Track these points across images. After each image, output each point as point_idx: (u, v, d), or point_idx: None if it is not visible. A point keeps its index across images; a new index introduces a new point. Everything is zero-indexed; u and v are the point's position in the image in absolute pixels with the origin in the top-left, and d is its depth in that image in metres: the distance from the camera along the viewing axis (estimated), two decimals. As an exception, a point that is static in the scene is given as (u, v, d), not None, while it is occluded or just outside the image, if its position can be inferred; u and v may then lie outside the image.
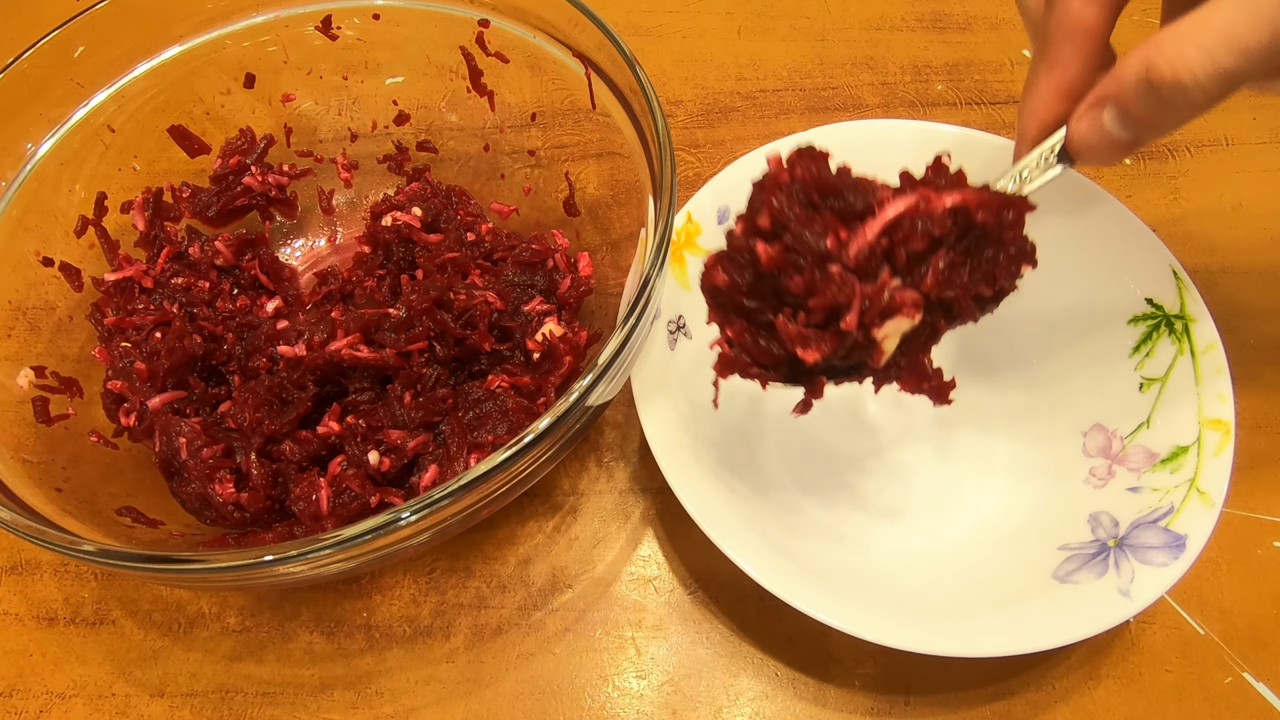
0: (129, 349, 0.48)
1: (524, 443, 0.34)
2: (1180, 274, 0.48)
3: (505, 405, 0.44)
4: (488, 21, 0.51)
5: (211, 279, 0.53)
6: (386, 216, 0.52)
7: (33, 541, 0.35)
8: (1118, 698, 0.45)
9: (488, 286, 0.48)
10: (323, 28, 0.53)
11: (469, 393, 0.45)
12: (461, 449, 0.43)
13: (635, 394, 0.45)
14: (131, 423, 0.47)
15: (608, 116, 0.48)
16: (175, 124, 0.53)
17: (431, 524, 0.35)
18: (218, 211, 0.55)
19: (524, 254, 0.51)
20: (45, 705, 0.45)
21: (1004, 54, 0.71)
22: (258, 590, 0.48)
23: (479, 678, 0.45)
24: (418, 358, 0.45)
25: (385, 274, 0.52)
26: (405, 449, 0.43)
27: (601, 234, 0.52)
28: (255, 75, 0.54)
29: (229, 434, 0.46)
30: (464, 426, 0.44)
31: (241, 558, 0.33)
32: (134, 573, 0.37)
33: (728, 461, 0.48)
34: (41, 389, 0.46)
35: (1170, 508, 0.42)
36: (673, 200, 0.40)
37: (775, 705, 0.45)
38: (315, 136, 0.58)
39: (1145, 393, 0.47)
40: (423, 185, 0.56)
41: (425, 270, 0.49)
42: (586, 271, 0.52)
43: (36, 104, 0.48)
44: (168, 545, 0.43)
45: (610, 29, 0.45)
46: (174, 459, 0.45)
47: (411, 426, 0.44)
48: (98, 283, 0.51)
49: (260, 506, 0.44)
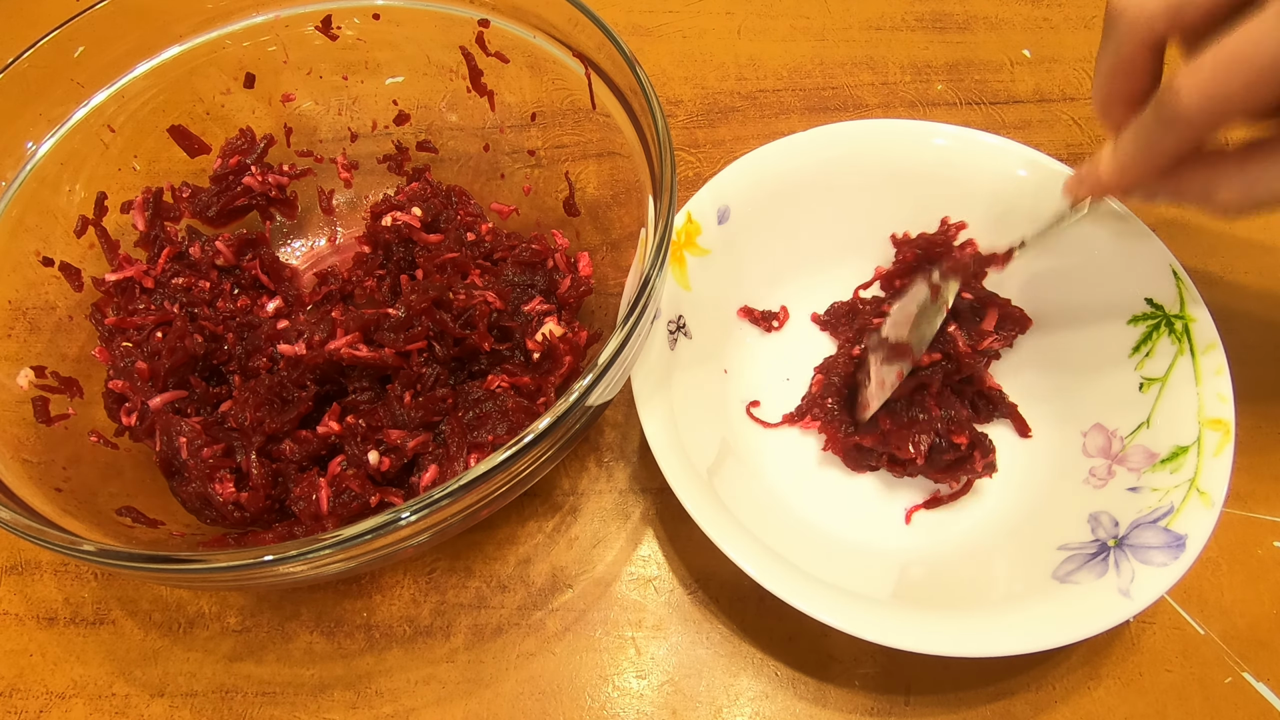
0: (130, 349, 0.48)
1: (524, 443, 0.34)
2: (1180, 274, 0.48)
3: (505, 405, 0.44)
4: (488, 21, 0.51)
5: (212, 279, 0.53)
6: (386, 216, 0.52)
7: (33, 541, 0.35)
8: (1118, 698, 0.45)
9: (487, 286, 0.48)
10: (323, 28, 0.53)
11: (469, 393, 0.45)
12: (461, 449, 0.43)
13: (635, 394, 0.45)
14: (133, 422, 0.47)
15: (608, 116, 0.48)
16: (175, 124, 0.53)
17: (431, 524, 0.35)
18: (218, 211, 0.55)
19: (524, 254, 0.51)
20: (45, 705, 0.45)
21: (1004, 54, 0.71)
22: (258, 590, 0.48)
23: (479, 677, 0.45)
24: (417, 357, 0.45)
25: (385, 274, 0.52)
26: (405, 449, 0.43)
27: (602, 234, 0.52)
28: (255, 75, 0.54)
29: (229, 433, 0.46)
30: (464, 426, 0.44)
31: (242, 557, 0.33)
32: (134, 573, 0.37)
33: (728, 461, 0.48)
34: (42, 389, 0.46)
35: (1170, 508, 0.42)
36: (673, 200, 0.40)
37: (775, 705, 0.45)
38: (315, 136, 0.58)
39: (1145, 393, 0.47)
40: (422, 185, 0.56)
41: (425, 270, 0.49)
42: (586, 271, 0.52)
43: (37, 104, 0.48)
44: (168, 545, 0.43)
45: (610, 29, 0.45)
46: (174, 458, 0.45)
47: (411, 426, 0.44)
48: (98, 283, 0.51)
49: (260, 506, 0.44)
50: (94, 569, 0.48)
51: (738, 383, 0.53)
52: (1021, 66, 0.70)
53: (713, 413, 0.50)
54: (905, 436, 0.48)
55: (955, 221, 0.53)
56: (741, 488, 0.47)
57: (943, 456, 0.48)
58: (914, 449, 0.47)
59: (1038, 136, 0.66)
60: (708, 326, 0.51)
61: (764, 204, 0.53)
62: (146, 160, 0.53)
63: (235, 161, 0.55)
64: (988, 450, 0.48)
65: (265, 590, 0.48)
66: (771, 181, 0.53)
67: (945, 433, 0.48)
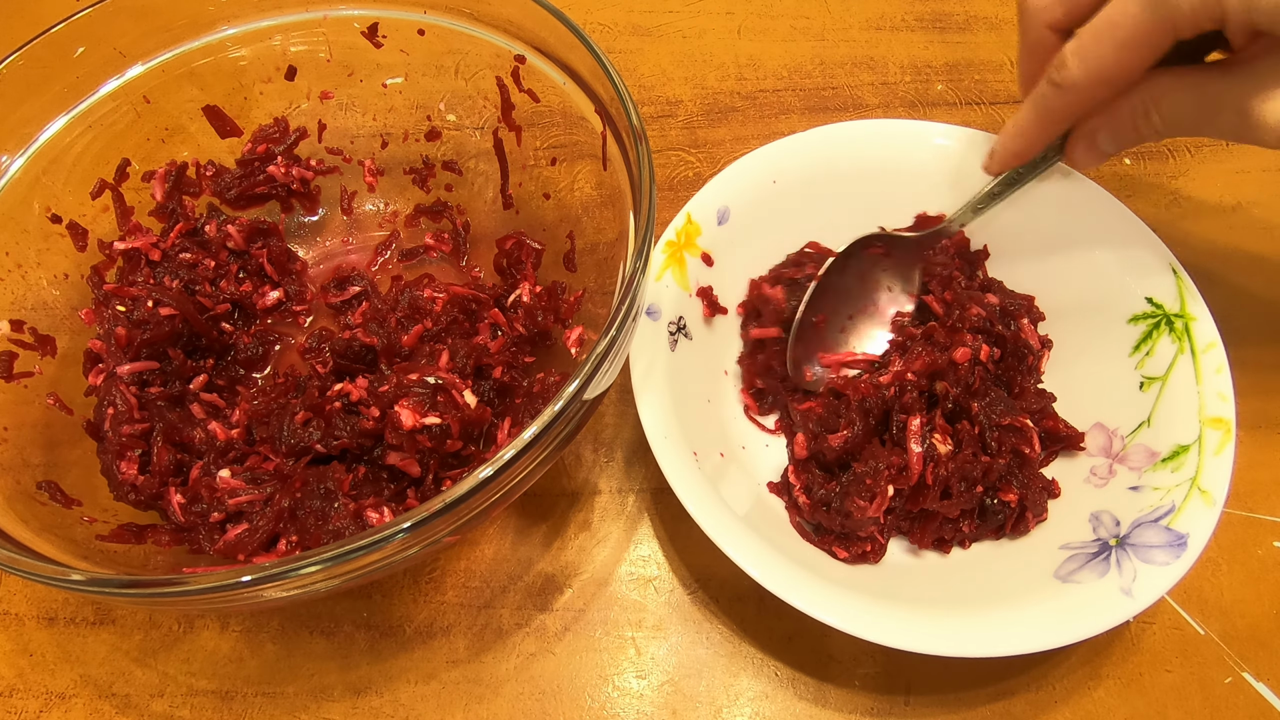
0: (121, 314, 0.48)
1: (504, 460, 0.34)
2: (1180, 272, 0.48)
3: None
4: (524, 58, 0.51)
5: (220, 259, 0.53)
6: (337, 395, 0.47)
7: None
8: (1118, 698, 0.45)
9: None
10: (369, 34, 0.53)
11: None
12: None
13: (636, 394, 0.45)
14: (98, 383, 0.47)
15: (583, 119, 0.48)
16: (211, 104, 0.54)
17: (421, 539, 0.34)
18: (238, 194, 0.55)
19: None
20: (45, 705, 0.45)
21: (1004, 54, 0.71)
22: (239, 613, 0.47)
23: (479, 678, 0.45)
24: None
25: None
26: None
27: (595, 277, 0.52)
28: (297, 68, 0.55)
29: (190, 420, 0.47)
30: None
31: (217, 579, 0.32)
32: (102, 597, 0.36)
33: (728, 462, 0.48)
34: (15, 343, 0.46)
35: (1171, 506, 0.42)
36: (650, 224, 0.40)
37: (775, 705, 0.44)
38: (347, 136, 0.58)
39: (1146, 391, 0.47)
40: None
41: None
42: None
43: (66, 75, 0.49)
44: (124, 559, 0.42)
45: (573, 23, 0.46)
46: (100, 425, 0.46)
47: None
48: (103, 246, 0.51)
49: (153, 493, 0.44)
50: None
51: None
52: (1021, 66, 0.70)
53: (713, 413, 0.50)
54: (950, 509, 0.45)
55: (935, 214, 0.53)
56: (741, 488, 0.47)
57: (995, 516, 0.45)
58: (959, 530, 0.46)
59: (1038, 136, 0.66)
60: (707, 327, 0.51)
61: (764, 204, 0.53)
62: (177, 137, 0.54)
63: (264, 149, 0.55)
64: (1041, 509, 0.46)
65: (249, 611, 0.47)
66: (771, 181, 0.53)
67: (990, 488, 0.45)
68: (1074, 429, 0.48)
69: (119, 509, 0.45)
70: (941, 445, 0.45)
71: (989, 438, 0.46)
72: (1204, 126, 0.41)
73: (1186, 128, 0.42)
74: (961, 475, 0.44)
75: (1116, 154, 0.46)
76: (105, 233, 0.52)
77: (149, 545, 0.43)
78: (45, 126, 0.48)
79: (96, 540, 0.42)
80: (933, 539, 0.46)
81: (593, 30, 0.72)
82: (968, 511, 0.45)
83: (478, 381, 0.47)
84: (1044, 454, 0.48)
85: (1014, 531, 0.46)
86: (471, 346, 0.47)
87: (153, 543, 0.43)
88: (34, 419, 0.46)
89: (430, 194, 0.58)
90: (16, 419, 0.45)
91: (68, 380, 0.48)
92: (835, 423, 0.47)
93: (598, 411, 0.52)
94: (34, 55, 0.47)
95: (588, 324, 0.50)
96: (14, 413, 0.45)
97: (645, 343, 0.47)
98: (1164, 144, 0.65)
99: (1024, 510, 0.45)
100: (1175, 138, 0.46)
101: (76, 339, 0.49)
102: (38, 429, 0.46)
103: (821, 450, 0.46)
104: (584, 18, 0.73)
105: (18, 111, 0.47)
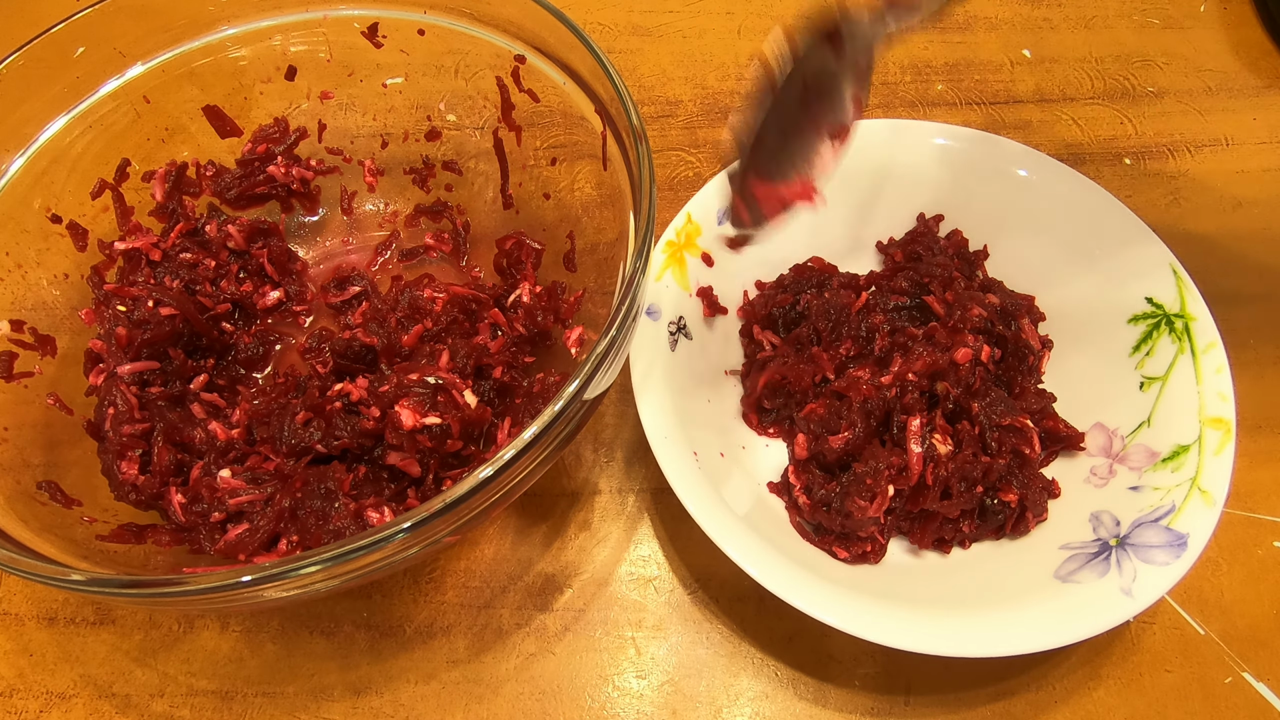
0: (122, 314, 0.48)
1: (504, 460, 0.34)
2: (1180, 273, 0.48)
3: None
4: (524, 58, 0.51)
5: (221, 259, 0.53)
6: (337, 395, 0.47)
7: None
8: (1118, 698, 0.45)
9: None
10: (369, 34, 0.53)
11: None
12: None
13: (636, 394, 0.45)
14: (99, 383, 0.47)
15: (583, 119, 0.48)
16: (211, 104, 0.54)
17: (421, 539, 0.35)
18: (238, 194, 0.55)
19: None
20: (45, 705, 0.45)
21: (1004, 54, 0.71)
22: (239, 613, 0.47)
23: (479, 677, 0.45)
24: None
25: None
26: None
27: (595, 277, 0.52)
28: (297, 68, 0.55)
29: (191, 419, 0.47)
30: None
31: (218, 579, 0.32)
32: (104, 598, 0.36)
33: (727, 462, 0.48)
34: (15, 343, 0.46)
35: (1172, 506, 0.42)
36: (650, 224, 0.40)
37: (775, 705, 0.44)
38: (347, 136, 0.58)
39: (1146, 391, 0.47)
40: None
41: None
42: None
43: (66, 75, 0.49)
44: (124, 559, 0.42)
45: (579, 26, 0.45)
46: (101, 425, 0.46)
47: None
48: (103, 246, 0.51)
49: (153, 493, 0.44)
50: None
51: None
52: (1021, 66, 0.70)
53: (713, 413, 0.50)
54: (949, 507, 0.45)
55: (932, 216, 0.53)
56: (742, 488, 0.47)
57: (995, 517, 0.45)
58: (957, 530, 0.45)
59: (1037, 136, 0.66)
60: (706, 327, 0.51)
61: (764, 204, 0.53)
62: (176, 138, 0.54)
63: (264, 149, 0.55)
64: (1041, 509, 0.46)
65: (249, 611, 0.47)
66: (771, 181, 0.53)
67: (989, 489, 0.45)
68: (1074, 429, 0.48)
69: (119, 509, 0.45)
70: (942, 445, 0.45)
71: (989, 438, 0.46)
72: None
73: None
74: (962, 475, 0.44)
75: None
76: (105, 233, 0.52)
77: (149, 545, 0.43)
78: (45, 126, 0.48)
79: (96, 540, 0.42)
80: (933, 539, 0.46)
81: (593, 30, 0.72)
82: (968, 512, 0.45)
83: (478, 381, 0.47)
84: (1044, 454, 0.48)
85: (1014, 532, 0.46)
86: (471, 346, 0.47)
87: (153, 543, 0.43)
88: (34, 419, 0.46)
89: (430, 194, 0.58)
90: (17, 419, 0.45)
91: (68, 380, 0.48)
92: (836, 424, 0.47)
93: (598, 411, 0.52)
94: (34, 55, 0.47)
95: (588, 324, 0.50)
96: (14, 413, 0.45)
97: (645, 343, 0.47)
98: (1164, 144, 0.65)
99: (1024, 510, 0.45)
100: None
101: (77, 339, 0.49)
102: (38, 429, 0.46)
103: (822, 451, 0.46)
104: (584, 18, 0.73)
105: (18, 111, 0.47)
